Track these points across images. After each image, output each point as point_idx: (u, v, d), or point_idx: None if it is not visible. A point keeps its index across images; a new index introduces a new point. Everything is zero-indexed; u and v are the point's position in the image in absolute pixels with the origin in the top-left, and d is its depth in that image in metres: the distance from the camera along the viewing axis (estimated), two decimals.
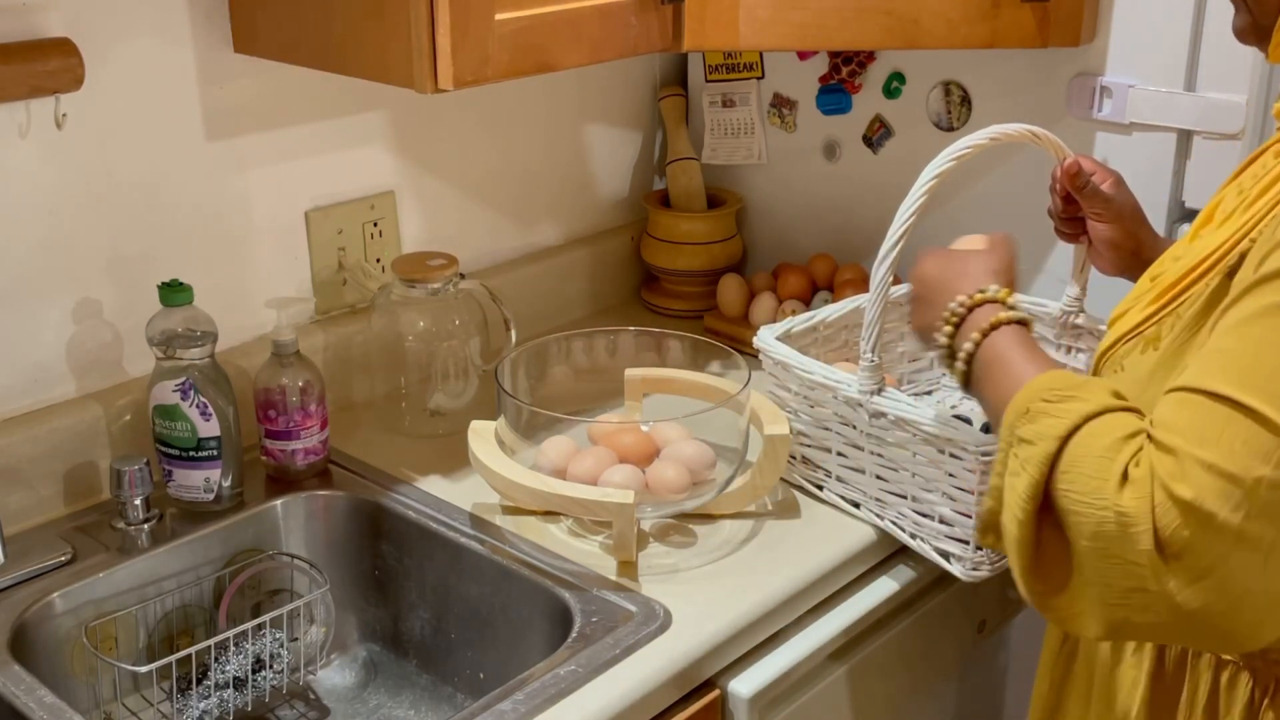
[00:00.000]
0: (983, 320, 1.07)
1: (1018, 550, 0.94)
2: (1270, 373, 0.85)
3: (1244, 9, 1.04)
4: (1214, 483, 0.84)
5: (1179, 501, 0.85)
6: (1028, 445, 0.94)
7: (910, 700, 1.46)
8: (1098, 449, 0.90)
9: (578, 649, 1.17)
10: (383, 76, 1.28)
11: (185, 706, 1.32)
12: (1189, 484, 0.85)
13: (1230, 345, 0.89)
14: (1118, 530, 0.87)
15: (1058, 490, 0.92)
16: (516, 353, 1.47)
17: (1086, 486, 0.89)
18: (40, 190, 1.35)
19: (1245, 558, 0.85)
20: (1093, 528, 0.89)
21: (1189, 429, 0.87)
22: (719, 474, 1.36)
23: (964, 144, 1.20)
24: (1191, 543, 0.85)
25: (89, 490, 1.41)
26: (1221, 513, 0.84)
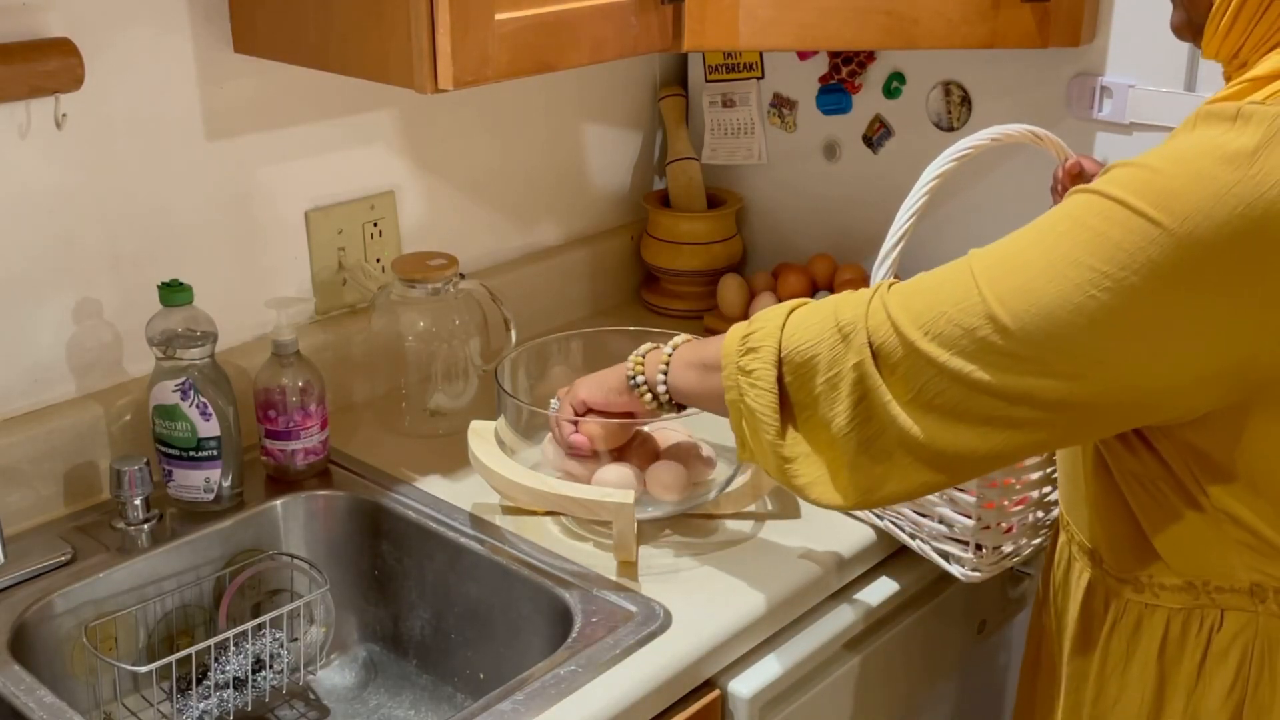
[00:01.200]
0: (659, 354, 1.24)
1: (770, 415, 1.09)
2: (1007, 256, 0.97)
3: (1180, 6, 1.05)
4: (916, 307, 0.99)
5: (889, 314, 1.00)
6: (754, 355, 1.09)
7: (910, 700, 1.46)
8: (818, 303, 1.07)
9: (578, 649, 1.17)
10: (383, 76, 1.28)
11: (185, 706, 1.32)
12: (900, 306, 1.00)
13: (1014, 234, 0.99)
14: (841, 341, 1.03)
15: (787, 350, 1.07)
16: (516, 353, 1.47)
17: (813, 322, 1.06)
18: (40, 190, 1.35)
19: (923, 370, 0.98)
20: (826, 355, 1.04)
21: (934, 273, 1.01)
22: (719, 474, 1.36)
23: (965, 144, 1.20)
24: (887, 345, 1.00)
25: (89, 490, 1.41)
26: (906, 327, 0.99)
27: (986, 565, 1.29)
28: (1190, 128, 0.92)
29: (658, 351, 1.25)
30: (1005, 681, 1.64)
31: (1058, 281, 0.92)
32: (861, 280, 1.76)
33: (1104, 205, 0.92)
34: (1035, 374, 0.94)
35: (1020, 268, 0.95)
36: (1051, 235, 0.95)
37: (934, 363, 0.97)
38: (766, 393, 1.08)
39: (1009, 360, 0.94)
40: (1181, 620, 1.06)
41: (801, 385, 1.07)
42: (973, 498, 1.25)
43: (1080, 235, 0.92)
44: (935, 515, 1.29)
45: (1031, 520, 1.30)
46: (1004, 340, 0.94)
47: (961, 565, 1.29)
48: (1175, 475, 1.01)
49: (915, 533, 1.33)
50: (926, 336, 0.97)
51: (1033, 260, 0.94)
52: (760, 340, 1.09)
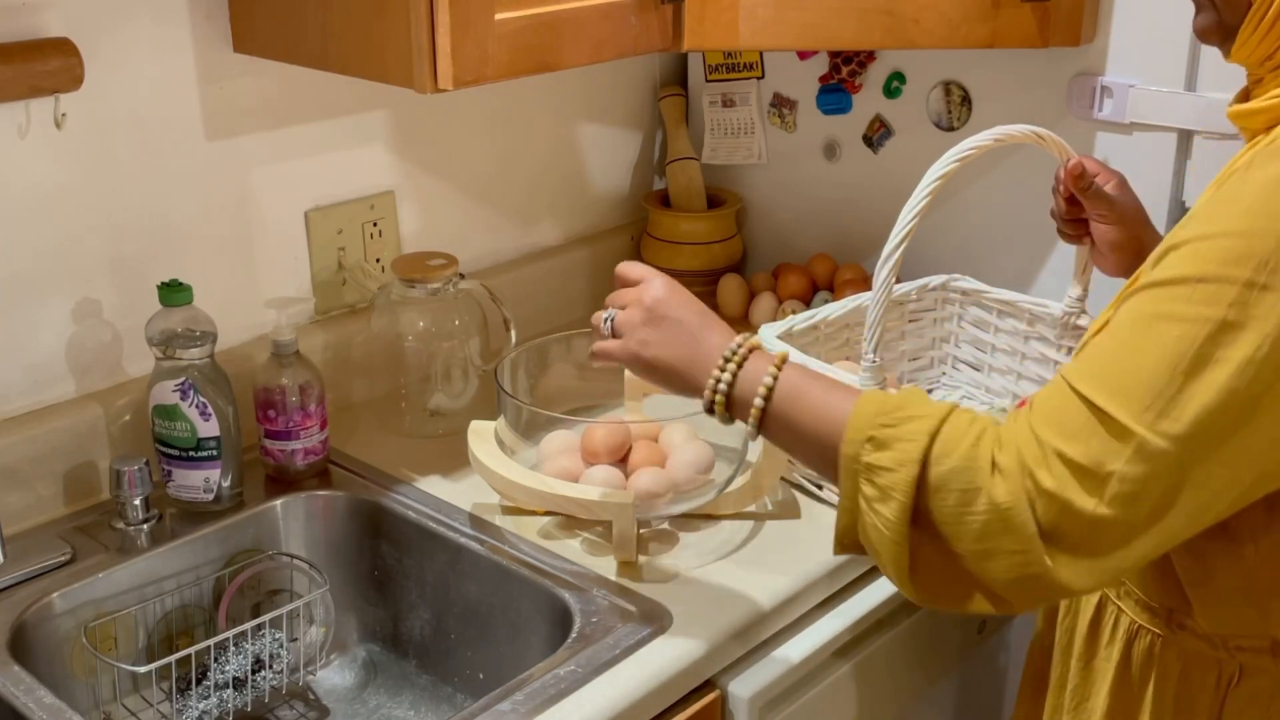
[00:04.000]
0: (765, 363, 1.05)
1: (895, 566, 0.97)
2: (1126, 379, 0.90)
3: (1209, 7, 1.03)
4: (1070, 477, 0.90)
5: (1043, 491, 0.91)
6: (886, 472, 0.96)
7: (910, 700, 1.46)
8: (958, 461, 0.94)
9: (578, 649, 1.17)
10: (383, 76, 1.28)
11: (185, 707, 1.32)
12: (1051, 474, 0.91)
13: (1104, 344, 0.93)
14: (1001, 525, 0.92)
15: (932, 507, 0.95)
16: (516, 353, 1.47)
17: (961, 500, 0.93)
18: (40, 190, 1.35)
19: (1108, 538, 0.90)
20: (977, 531, 0.93)
21: (1054, 420, 0.92)
22: (719, 474, 1.36)
23: (968, 145, 1.20)
24: (1059, 525, 0.91)
25: (89, 490, 1.41)
26: (1078, 501, 0.90)
27: None
28: (1261, 166, 0.90)
29: (748, 378, 1.06)
30: (1005, 682, 1.63)
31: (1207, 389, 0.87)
32: (862, 281, 1.76)
33: (1208, 291, 0.87)
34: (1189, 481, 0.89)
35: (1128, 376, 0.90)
36: (1163, 344, 0.89)
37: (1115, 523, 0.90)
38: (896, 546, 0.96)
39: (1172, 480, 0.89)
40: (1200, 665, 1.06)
41: (949, 540, 0.95)
42: None
43: (1198, 331, 0.88)
44: None
45: None
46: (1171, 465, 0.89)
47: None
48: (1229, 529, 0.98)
49: None
50: (1102, 502, 0.90)
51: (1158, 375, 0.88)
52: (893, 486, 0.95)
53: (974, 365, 1.63)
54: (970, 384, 1.64)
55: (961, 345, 1.63)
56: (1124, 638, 1.11)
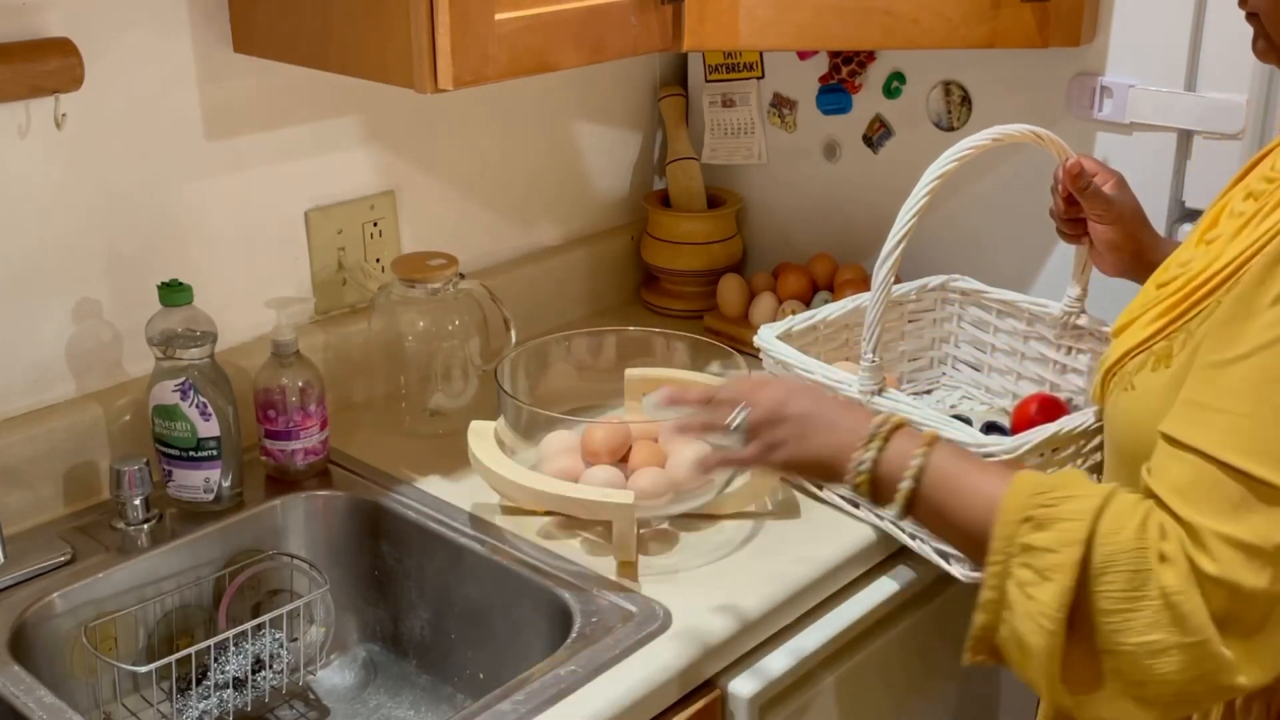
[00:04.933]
0: (915, 438, 1.01)
1: (1047, 662, 0.90)
2: (1275, 443, 0.85)
3: (1262, 32, 1.02)
4: (1236, 556, 0.86)
5: (1208, 578, 0.86)
6: (1047, 554, 0.90)
7: (910, 701, 1.46)
8: (1126, 542, 0.89)
9: (578, 649, 1.17)
10: (383, 76, 1.28)
11: (185, 707, 1.32)
12: (1213, 559, 0.86)
13: (1245, 409, 0.87)
14: (1171, 616, 0.86)
15: (1095, 593, 0.89)
16: (516, 353, 1.47)
17: (1130, 582, 0.88)
18: (40, 190, 1.35)
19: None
20: (1147, 621, 0.87)
21: (1205, 503, 0.87)
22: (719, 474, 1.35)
23: (966, 144, 1.20)
24: (1230, 612, 0.86)
25: (89, 490, 1.41)
26: (1248, 581, 0.85)
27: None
28: None
29: (895, 459, 1.01)
30: (1005, 682, 1.63)
31: None
32: (862, 281, 1.76)
33: None
34: None
35: None
36: None
37: None
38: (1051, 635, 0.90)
39: None
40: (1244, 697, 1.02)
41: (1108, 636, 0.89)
42: None
43: None
44: None
45: None
46: None
47: (962, 565, 1.29)
48: None
49: (915, 533, 1.33)
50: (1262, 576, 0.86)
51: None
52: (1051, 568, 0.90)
53: (973, 365, 1.63)
54: (970, 384, 1.64)
55: (961, 345, 1.63)
56: None
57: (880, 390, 1.29)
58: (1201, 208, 1.54)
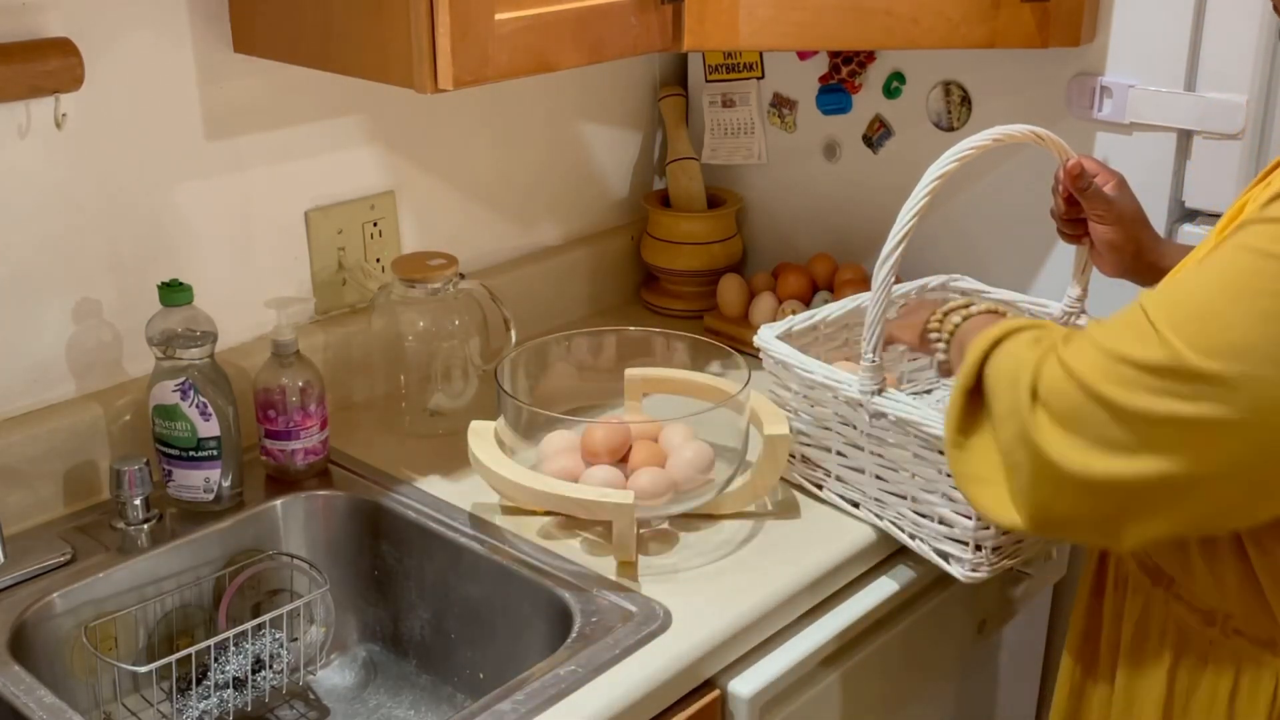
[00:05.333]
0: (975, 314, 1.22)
1: (952, 421, 1.10)
2: (1181, 294, 0.94)
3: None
4: (1093, 355, 0.96)
5: (1062, 362, 0.98)
6: (983, 339, 1.09)
7: (910, 700, 1.46)
8: (1032, 335, 1.06)
9: (578, 649, 1.17)
10: (383, 76, 1.28)
11: (185, 706, 1.32)
12: (1075, 353, 0.98)
13: (1182, 274, 0.98)
14: (1011, 380, 1.02)
15: (987, 369, 1.07)
16: (516, 353, 1.47)
17: (1010, 353, 1.05)
18: (40, 190, 1.35)
19: (1099, 415, 0.95)
20: (1005, 386, 1.03)
21: (1106, 321, 0.99)
22: (719, 474, 1.36)
23: (967, 144, 1.20)
24: (1055, 391, 0.98)
25: (89, 490, 1.41)
26: (1088, 375, 0.96)
27: (986, 566, 1.29)
28: None
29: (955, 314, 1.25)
30: (1005, 681, 1.64)
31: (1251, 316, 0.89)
32: (862, 281, 1.76)
33: None
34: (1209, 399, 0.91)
35: (1200, 309, 0.92)
36: (1230, 270, 0.92)
37: (1110, 403, 0.94)
38: (960, 391, 1.10)
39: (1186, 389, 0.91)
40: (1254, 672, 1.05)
41: (988, 403, 1.08)
42: None
43: (1267, 266, 0.89)
44: (935, 515, 1.29)
45: None
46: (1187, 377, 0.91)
47: (961, 565, 1.29)
48: None
49: (915, 533, 1.33)
50: (1105, 381, 0.95)
51: (1212, 298, 0.91)
52: (976, 346, 1.10)
53: None
54: None
55: None
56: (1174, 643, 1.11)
57: (880, 390, 1.29)
58: (1201, 208, 1.55)
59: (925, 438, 1.26)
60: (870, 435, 1.32)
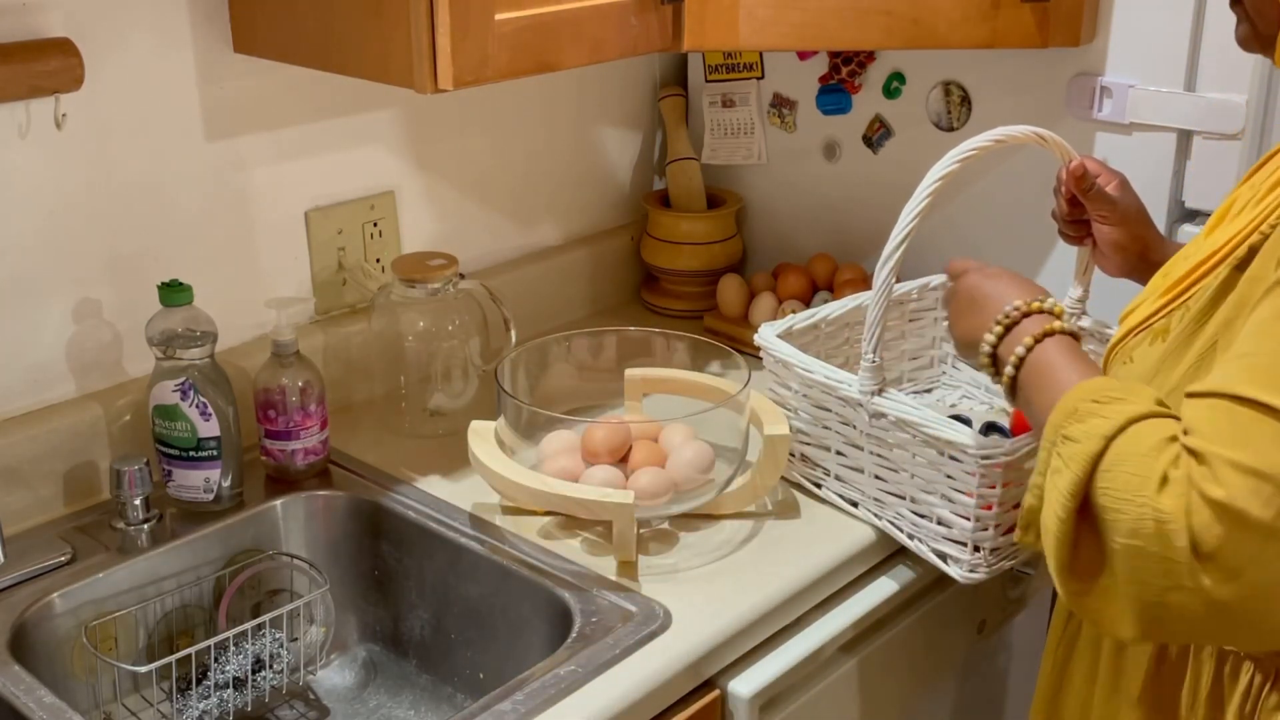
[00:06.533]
0: (1035, 327, 1.07)
1: (1056, 546, 0.95)
2: None
3: (1245, 19, 1.04)
4: (1244, 481, 0.86)
5: (1212, 502, 0.87)
6: (1072, 444, 0.94)
7: (910, 700, 1.46)
8: (1141, 449, 0.91)
9: (578, 649, 1.17)
10: (383, 76, 1.28)
11: (185, 706, 1.32)
12: (1220, 484, 0.87)
13: (1253, 349, 0.90)
14: (1155, 529, 0.89)
15: (1097, 488, 0.92)
16: (516, 353, 1.47)
17: (1128, 485, 0.91)
18: (40, 190, 1.35)
19: (1277, 552, 0.86)
20: (1130, 525, 0.90)
21: (1216, 433, 0.88)
22: (719, 474, 1.36)
23: (969, 145, 1.20)
24: (1225, 540, 0.87)
25: (89, 490, 1.41)
26: (1253, 509, 0.86)
27: (985, 566, 1.29)
28: None
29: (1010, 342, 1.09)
30: (1005, 681, 1.64)
31: None
32: (862, 281, 1.76)
33: None
34: None
35: None
36: None
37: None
38: (1062, 523, 0.94)
39: None
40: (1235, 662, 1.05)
41: (1107, 529, 0.93)
42: (971, 499, 1.25)
43: None
44: (934, 516, 1.29)
45: None
46: None
47: (959, 566, 1.29)
48: None
49: (914, 533, 1.33)
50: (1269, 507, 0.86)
51: None
52: (1074, 455, 0.94)
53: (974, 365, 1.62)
54: (970, 383, 1.64)
55: None
56: None
57: (880, 390, 1.29)
58: (1201, 208, 1.55)
59: (925, 438, 1.26)
60: (870, 435, 1.32)
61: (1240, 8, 1.05)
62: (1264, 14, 1.01)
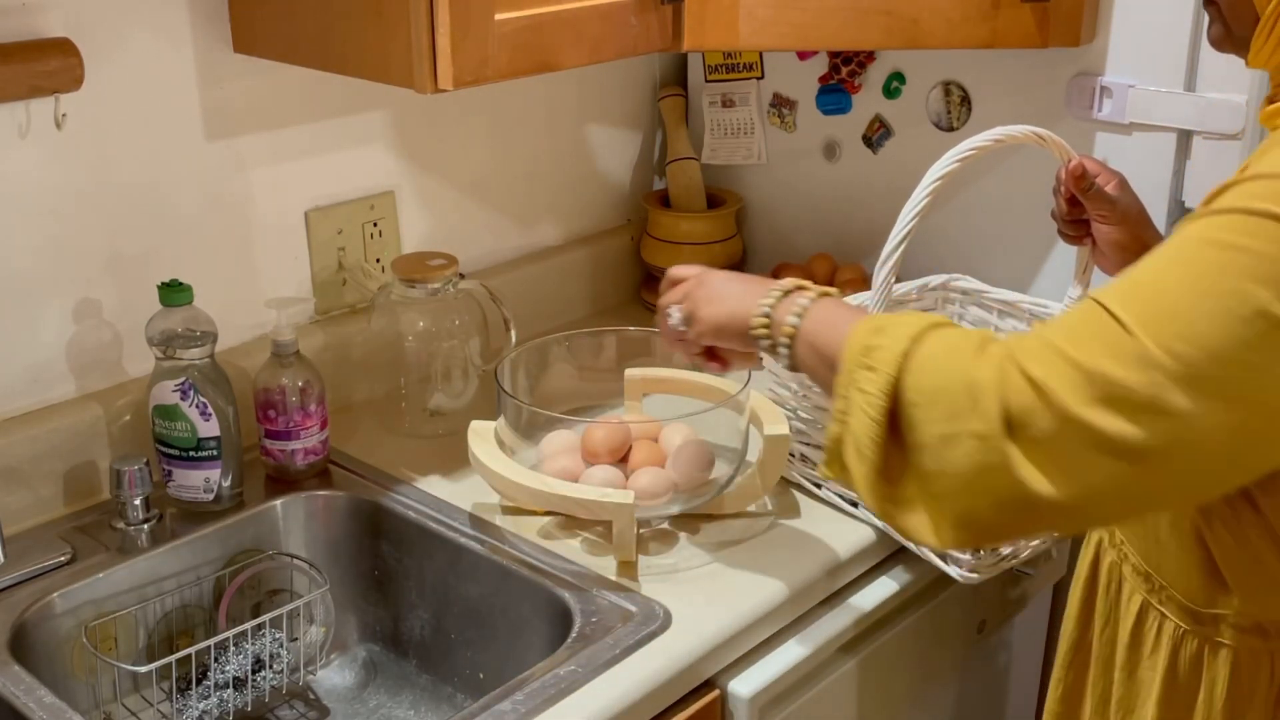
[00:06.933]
0: (811, 292, 1.09)
1: (871, 447, 0.95)
2: (1147, 290, 0.87)
3: (1218, 19, 1.04)
4: (1066, 369, 0.86)
5: (1028, 376, 0.87)
6: (878, 352, 0.95)
7: (910, 700, 1.46)
8: (949, 342, 0.94)
9: (578, 649, 1.17)
10: (383, 76, 1.28)
11: (185, 706, 1.32)
12: (1041, 364, 0.87)
13: (1137, 269, 0.90)
14: (966, 397, 0.89)
15: (907, 387, 0.93)
16: (516, 353, 1.47)
17: (939, 369, 0.92)
18: (40, 190, 1.35)
19: (1078, 440, 0.86)
20: (944, 409, 0.90)
21: (1061, 324, 0.90)
22: (719, 474, 1.36)
23: (969, 145, 1.20)
24: (1032, 411, 0.86)
25: (89, 490, 1.41)
26: (1063, 393, 0.86)
27: (985, 566, 1.29)
28: None
29: (787, 307, 1.09)
30: (1005, 681, 1.64)
31: (1220, 316, 0.83)
32: (862, 281, 1.76)
33: (1250, 223, 0.84)
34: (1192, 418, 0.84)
35: (1171, 308, 0.85)
36: (1196, 266, 0.86)
37: (1090, 428, 0.85)
38: (874, 424, 0.94)
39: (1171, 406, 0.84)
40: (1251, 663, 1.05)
41: (915, 427, 0.93)
42: None
43: (1233, 259, 0.84)
44: None
45: None
46: (1173, 388, 0.84)
47: (959, 566, 1.29)
48: (1269, 523, 0.98)
49: None
50: (1082, 401, 0.85)
51: (1181, 297, 0.85)
52: (881, 362, 0.95)
53: None
54: None
55: None
56: (1169, 645, 1.10)
57: None
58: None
59: None
60: None
61: (1214, 7, 1.04)
62: (1239, 14, 1.01)
